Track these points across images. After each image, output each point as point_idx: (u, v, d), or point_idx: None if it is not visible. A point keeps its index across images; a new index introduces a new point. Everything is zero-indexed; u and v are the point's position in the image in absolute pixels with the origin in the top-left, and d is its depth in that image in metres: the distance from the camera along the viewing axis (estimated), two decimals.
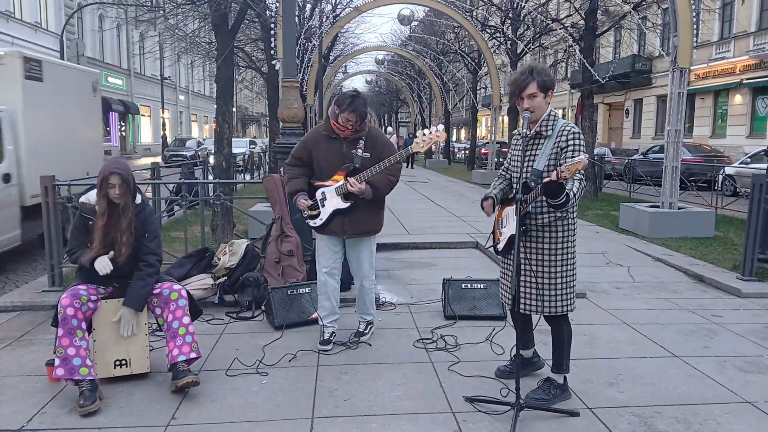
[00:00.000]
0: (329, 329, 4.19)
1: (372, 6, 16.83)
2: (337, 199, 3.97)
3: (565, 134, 3.16)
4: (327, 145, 4.02)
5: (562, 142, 3.15)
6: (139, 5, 13.89)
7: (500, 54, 23.21)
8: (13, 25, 22.96)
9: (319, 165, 4.04)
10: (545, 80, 3.17)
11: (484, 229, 8.91)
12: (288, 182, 4.16)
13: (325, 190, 4.02)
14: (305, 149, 4.09)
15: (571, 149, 3.12)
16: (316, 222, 4.06)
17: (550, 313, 3.26)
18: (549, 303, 3.24)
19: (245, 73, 24.92)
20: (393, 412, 3.21)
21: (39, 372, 3.67)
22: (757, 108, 22.78)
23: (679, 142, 8.55)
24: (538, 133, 3.23)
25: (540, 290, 3.24)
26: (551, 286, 3.23)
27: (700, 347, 4.22)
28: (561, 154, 3.14)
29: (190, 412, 3.19)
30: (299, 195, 4.02)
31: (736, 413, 3.22)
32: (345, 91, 4.27)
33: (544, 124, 3.22)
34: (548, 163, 3.16)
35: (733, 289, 5.63)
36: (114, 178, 3.35)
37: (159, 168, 9.20)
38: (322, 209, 4.01)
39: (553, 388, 3.32)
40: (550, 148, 3.17)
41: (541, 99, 3.18)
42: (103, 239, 3.38)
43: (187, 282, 4.93)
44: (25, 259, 7.50)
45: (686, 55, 8.31)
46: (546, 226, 3.22)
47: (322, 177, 4.04)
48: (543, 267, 3.24)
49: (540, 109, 3.20)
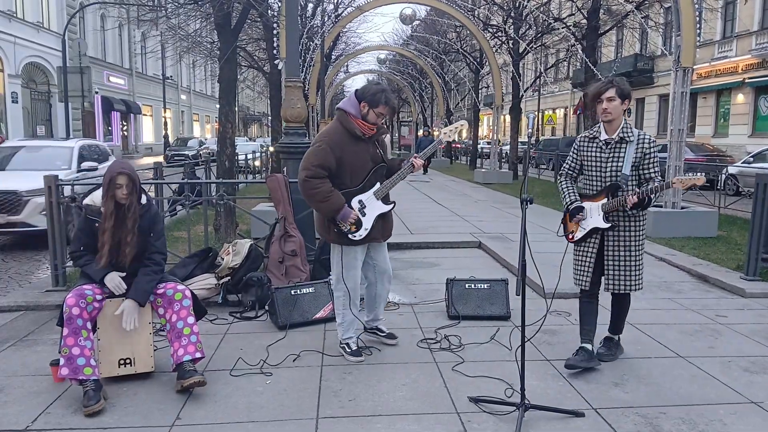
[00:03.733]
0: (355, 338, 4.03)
1: (374, 5, 16.82)
2: (379, 204, 3.77)
3: (647, 142, 3.64)
4: (354, 147, 3.69)
5: (646, 149, 3.63)
6: (141, 5, 13.91)
7: (502, 53, 23.20)
8: (15, 24, 22.98)
9: (347, 171, 3.69)
10: (623, 88, 3.62)
11: (486, 229, 8.91)
12: (326, 198, 3.61)
13: (361, 197, 3.74)
14: (332, 156, 3.63)
15: (653, 158, 3.64)
16: (360, 233, 3.73)
17: (635, 290, 3.78)
18: (633, 282, 3.75)
19: (247, 72, 24.94)
20: (397, 412, 3.21)
21: (43, 372, 3.67)
22: (759, 107, 22.75)
23: (682, 142, 8.53)
24: (622, 139, 3.65)
25: (627, 272, 3.73)
26: (635, 268, 3.73)
27: (704, 347, 4.21)
28: (644, 160, 3.64)
29: (195, 412, 3.19)
30: (347, 209, 3.66)
31: (741, 414, 3.21)
32: (367, 85, 3.87)
33: (626, 131, 3.65)
34: (632, 167, 3.64)
35: (737, 289, 5.62)
36: (122, 178, 3.36)
37: (162, 168, 9.19)
38: (364, 218, 3.73)
39: (613, 345, 3.96)
40: (633, 154, 3.62)
41: (618, 103, 3.61)
42: (110, 240, 3.38)
43: (191, 282, 4.93)
44: (29, 259, 7.51)
45: (689, 54, 8.30)
46: (632, 217, 3.69)
47: (351, 183, 3.72)
48: (629, 252, 3.72)
49: (616, 111, 3.62)
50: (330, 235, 3.82)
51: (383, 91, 3.70)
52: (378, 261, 4.02)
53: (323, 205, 3.64)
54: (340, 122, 3.72)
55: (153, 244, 3.55)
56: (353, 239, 3.74)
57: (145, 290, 3.48)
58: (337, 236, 3.77)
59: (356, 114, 3.69)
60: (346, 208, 3.65)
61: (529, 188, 3.30)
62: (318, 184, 3.60)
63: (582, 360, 3.70)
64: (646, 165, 3.65)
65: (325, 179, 3.63)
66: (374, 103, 3.66)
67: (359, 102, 3.70)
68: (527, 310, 3.24)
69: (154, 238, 3.57)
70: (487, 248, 7.61)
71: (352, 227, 3.70)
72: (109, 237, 3.39)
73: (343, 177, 3.69)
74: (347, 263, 3.85)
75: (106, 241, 3.39)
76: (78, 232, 3.55)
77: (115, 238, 3.40)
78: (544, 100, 39.31)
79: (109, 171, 3.41)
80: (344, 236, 3.73)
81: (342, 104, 3.75)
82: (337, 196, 3.63)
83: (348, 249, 3.83)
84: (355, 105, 3.71)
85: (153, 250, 3.54)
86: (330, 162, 3.63)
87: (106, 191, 3.38)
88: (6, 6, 22.35)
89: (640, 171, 3.67)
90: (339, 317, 3.98)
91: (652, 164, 3.64)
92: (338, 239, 3.79)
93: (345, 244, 3.80)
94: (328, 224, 3.77)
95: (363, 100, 3.68)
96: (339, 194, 3.64)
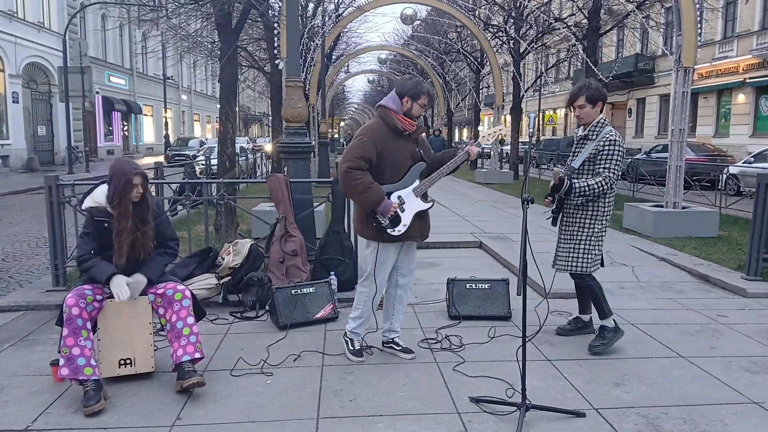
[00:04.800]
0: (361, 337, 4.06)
1: (374, 5, 16.81)
2: (417, 201, 3.72)
3: (604, 140, 3.91)
4: (395, 144, 3.66)
5: (600, 146, 3.92)
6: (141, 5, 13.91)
7: (503, 53, 23.19)
8: (16, 24, 22.98)
9: (387, 166, 3.65)
10: (593, 94, 3.94)
11: (487, 229, 8.90)
12: (367, 189, 3.56)
13: (400, 193, 3.68)
14: (373, 150, 3.60)
15: (605, 154, 3.90)
16: (399, 229, 3.67)
17: (575, 270, 4.06)
18: (573, 262, 4.06)
19: (248, 72, 24.95)
20: (398, 412, 3.20)
21: (44, 372, 3.67)
22: (760, 107, 22.72)
23: (683, 142, 8.52)
24: (586, 136, 4.01)
25: (566, 252, 4.11)
26: (576, 250, 4.05)
27: (705, 347, 4.20)
28: (598, 156, 3.92)
29: (196, 412, 3.19)
30: (387, 201, 3.60)
31: (742, 414, 3.20)
32: (402, 81, 3.79)
33: (592, 129, 3.98)
34: (585, 161, 3.96)
35: (738, 289, 5.61)
36: (137, 178, 3.38)
37: (162, 167, 9.20)
38: (403, 214, 3.67)
39: (607, 332, 4.07)
40: (590, 150, 3.94)
41: (589, 109, 3.96)
42: (128, 239, 3.39)
43: (191, 282, 4.93)
44: (29, 259, 7.51)
45: (690, 54, 8.29)
46: (577, 206, 4.04)
47: (390, 179, 3.67)
48: (571, 235, 4.09)
49: (588, 116, 3.98)
50: (368, 231, 3.75)
51: (420, 83, 3.71)
52: (403, 267, 3.97)
53: (364, 196, 3.58)
54: (382, 118, 3.70)
55: (164, 233, 3.66)
56: (392, 235, 3.68)
57: (158, 269, 3.58)
58: (375, 232, 3.70)
59: (397, 110, 3.68)
60: (386, 200, 3.59)
61: (529, 188, 3.30)
62: (359, 176, 3.57)
63: (572, 329, 4.37)
64: (598, 160, 3.93)
65: (366, 171, 3.59)
66: (416, 95, 3.65)
67: (401, 98, 3.68)
68: (528, 310, 3.23)
69: (163, 226, 3.67)
70: (487, 248, 7.60)
71: (390, 216, 3.62)
72: (127, 236, 3.39)
73: (383, 172, 3.65)
74: (381, 260, 3.79)
75: (124, 241, 3.39)
76: (85, 235, 3.49)
77: (135, 236, 3.42)
78: (544, 100, 39.30)
79: (121, 172, 3.38)
80: (382, 232, 3.68)
81: (383, 101, 3.74)
82: (377, 188, 3.58)
83: (384, 246, 3.76)
84: (396, 101, 3.68)
85: (166, 239, 3.68)
86: (371, 155, 3.60)
87: (121, 193, 3.36)
88: (6, 6, 22.35)
89: (594, 166, 3.96)
90: (356, 311, 3.94)
91: (604, 160, 3.90)
92: (376, 235, 3.72)
93: (382, 241, 3.74)
94: (366, 219, 3.72)
95: (405, 95, 3.66)
96: (379, 186, 3.59)
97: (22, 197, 14.99)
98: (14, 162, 22.67)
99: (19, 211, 12.30)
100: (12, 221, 10.85)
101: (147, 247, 3.51)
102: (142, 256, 3.51)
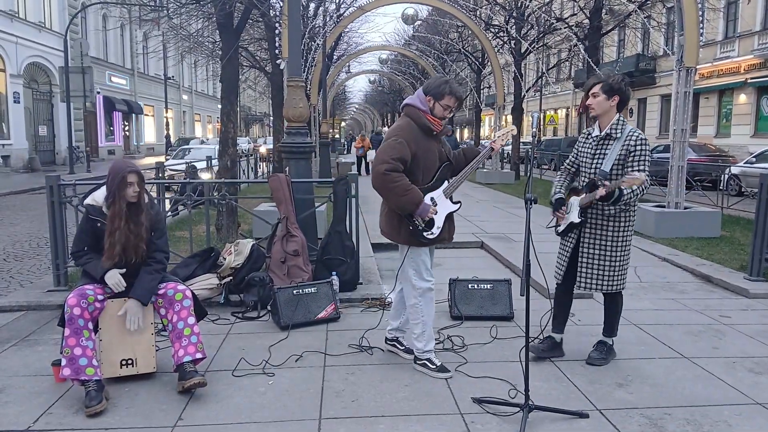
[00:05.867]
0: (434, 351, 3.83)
1: (376, 5, 16.79)
2: (448, 202, 3.65)
3: (634, 139, 3.58)
4: (426, 144, 3.56)
5: (631, 146, 3.57)
6: (142, 5, 13.90)
7: (504, 53, 23.19)
8: (17, 24, 22.99)
9: (420, 167, 3.55)
10: (612, 86, 3.61)
11: (489, 229, 8.89)
12: (407, 192, 3.44)
13: (432, 195, 3.58)
14: (409, 151, 3.49)
15: (638, 155, 3.55)
16: (433, 231, 3.58)
17: (609, 290, 3.74)
18: (607, 282, 3.72)
19: (249, 72, 24.93)
20: (400, 413, 3.19)
21: (45, 372, 3.66)
22: (761, 107, 22.70)
23: (685, 142, 8.50)
24: (608, 135, 3.65)
25: (600, 271, 3.72)
26: (609, 269, 3.71)
27: (708, 348, 4.19)
28: (629, 157, 3.58)
29: (197, 413, 3.18)
30: (425, 203, 3.50)
31: (746, 415, 3.19)
32: (431, 79, 3.70)
33: (614, 127, 3.64)
34: (615, 164, 3.60)
35: (740, 290, 5.60)
36: (132, 176, 3.36)
37: (164, 167, 9.19)
38: (436, 216, 3.58)
39: (606, 349, 3.90)
40: (618, 151, 3.59)
41: (602, 99, 3.62)
42: (121, 240, 3.34)
43: (193, 282, 4.92)
44: (30, 259, 7.51)
45: (692, 54, 8.27)
46: (611, 216, 3.67)
47: (423, 180, 3.57)
48: (604, 251, 3.71)
49: (599, 107, 3.64)
50: (400, 236, 3.63)
51: (447, 82, 3.57)
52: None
53: (404, 198, 3.45)
54: (411, 118, 3.58)
55: (155, 243, 3.54)
56: (427, 237, 3.59)
57: (148, 289, 3.46)
58: (409, 235, 3.59)
59: (426, 109, 3.57)
60: (425, 202, 3.49)
61: (532, 188, 3.28)
62: (398, 177, 3.43)
63: (545, 350, 3.94)
64: (631, 162, 3.57)
65: (402, 173, 3.47)
66: (439, 95, 3.54)
67: (425, 96, 3.59)
68: (531, 311, 3.22)
69: (157, 236, 3.55)
70: (489, 248, 7.59)
71: (428, 218, 3.52)
72: (120, 237, 3.34)
73: (416, 174, 3.54)
74: (419, 265, 3.68)
75: (117, 241, 3.34)
76: (80, 233, 3.51)
77: (127, 237, 3.37)
78: (545, 100, 39.26)
79: (117, 170, 3.37)
80: (416, 235, 3.57)
81: (410, 100, 3.63)
82: (416, 190, 3.47)
83: (417, 250, 3.66)
84: (422, 100, 3.58)
85: (155, 248, 3.53)
86: (407, 156, 3.48)
87: (116, 191, 3.34)
88: (7, 6, 22.35)
89: (627, 168, 3.59)
90: (418, 327, 3.71)
91: (637, 161, 3.55)
92: (409, 238, 3.61)
93: (414, 245, 3.63)
94: (398, 223, 3.60)
95: (428, 93, 3.57)
96: (417, 188, 3.49)
97: (24, 197, 14.99)
98: (15, 162, 22.68)
99: (20, 211, 12.30)
100: (13, 221, 10.85)
101: (139, 249, 3.43)
102: (134, 259, 3.43)
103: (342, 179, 5.50)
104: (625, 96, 3.67)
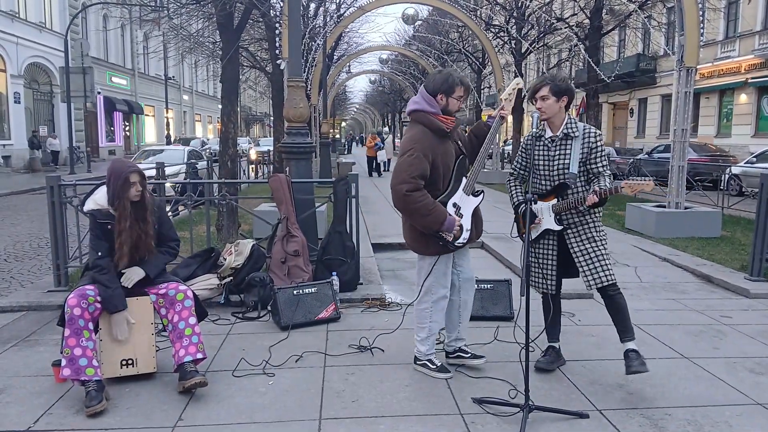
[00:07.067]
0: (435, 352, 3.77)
1: (376, 5, 16.81)
2: (470, 199, 3.50)
3: (592, 136, 3.49)
4: (443, 148, 3.42)
5: (591, 143, 3.48)
6: (143, 5, 13.90)
7: (504, 53, 23.18)
8: (17, 25, 23.00)
9: (440, 174, 3.41)
10: (558, 86, 3.48)
11: (489, 229, 8.86)
12: (431, 212, 3.30)
13: (453, 200, 3.46)
14: (428, 162, 3.34)
15: (599, 151, 3.48)
16: (464, 236, 3.45)
17: (612, 280, 3.50)
18: (610, 273, 3.51)
19: (249, 72, 24.94)
20: (401, 413, 3.19)
21: (45, 372, 3.66)
22: (762, 107, 22.68)
23: (686, 142, 8.50)
24: (567, 135, 3.52)
25: (601, 264, 3.52)
26: (606, 257, 3.54)
27: (709, 348, 4.19)
28: (591, 154, 3.48)
29: (198, 413, 3.18)
30: (450, 218, 3.36)
31: (747, 415, 3.19)
32: (432, 77, 3.51)
33: (570, 127, 3.51)
34: (579, 163, 3.49)
35: (741, 290, 5.59)
36: (134, 176, 3.37)
37: (164, 167, 9.19)
38: (462, 219, 3.45)
39: (639, 354, 3.48)
40: (579, 150, 3.49)
41: (552, 102, 3.47)
42: (129, 240, 3.38)
43: (193, 282, 4.92)
44: (31, 259, 7.51)
45: (693, 54, 8.27)
46: (585, 212, 3.53)
47: (441, 185, 3.44)
48: (595, 244, 3.55)
49: (550, 109, 3.49)
50: (429, 248, 3.49)
51: (451, 74, 3.44)
52: (462, 267, 3.72)
53: (428, 219, 3.31)
54: (423, 124, 3.42)
55: (166, 234, 3.66)
56: (457, 246, 3.47)
57: (158, 266, 3.58)
58: (440, 247, 3.46)
59: (436, 111, 3.43)
60: (449, 217, 3.34)
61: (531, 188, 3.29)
62: (420, 197, 3.28)
63: (552, 361, 3.77)
64: (593, 159, 3.49)
65: (423, 191, 3.31)
66: (450, 89, 3.40)
67: (434, 96, 3.43)
68: (531, 311, 3.22)
69: (166, 227, 3.67)
70: (490, 248, 7.59)
71: (457, 233, 3.40)
72: (127, 237, 3.39)
73: (437, 182, 3.41)
74: (441, 271, 3.55)
75: (125, 242, 3.38)
76: (94, 238, 3.46)
77: (135, 236, 3.41)
78: None
79: (118, 171, 3.37)
80: (448, 245, 3.44)
81: (417, 105, 3.45)
82: (440, 207, 3.33)
83: (444, 257, 3.53)
84: (430, 101, 3.43)
85: (168, 239, 3.68)
86: (426, 170, 3.33)
87: (119, 192, 3.35)
88: (8, 6, 22.37)
89: (589, 166, 3.51)
90: (422, 331, 3.66)
91: (599, 158, 3.48)
92: (440, 249, 3.48)
93: (443, 253, 3.50)
94: (426, 237, 3.45)
95: (438, 92, 3.42)
96: (440, 204, 3.36)
97: (24, 197, 15.00)
98: (16, 162, 22.70)
99: (20, 211, 12.31)
100: (14, 221, 10.86)
101: (149, 246, 3.51)
102: (146, 256, 3.52)
103: (342, 179, 5.50)
104: (572, 95, 3.59)
